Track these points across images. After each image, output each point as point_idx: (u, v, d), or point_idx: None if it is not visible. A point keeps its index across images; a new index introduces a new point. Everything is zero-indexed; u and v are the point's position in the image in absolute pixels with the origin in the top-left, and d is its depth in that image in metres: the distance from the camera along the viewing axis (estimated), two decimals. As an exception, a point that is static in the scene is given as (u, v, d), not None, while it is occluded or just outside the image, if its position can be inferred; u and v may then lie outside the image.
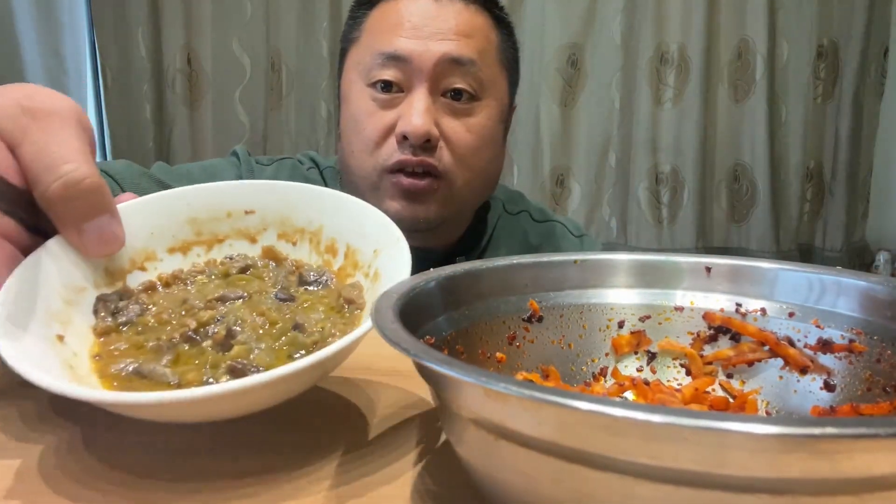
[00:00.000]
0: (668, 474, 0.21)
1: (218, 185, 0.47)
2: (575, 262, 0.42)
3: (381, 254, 0.38)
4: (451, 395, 0.26)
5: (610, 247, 2.05)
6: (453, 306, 0.38)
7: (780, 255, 2.01)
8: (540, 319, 0.41)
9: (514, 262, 0.42)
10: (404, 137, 0.71)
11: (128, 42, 1.97)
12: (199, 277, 0.43)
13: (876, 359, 0.35)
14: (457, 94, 0.74)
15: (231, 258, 0.45)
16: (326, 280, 0.41)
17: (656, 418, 0.19)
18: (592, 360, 0.42)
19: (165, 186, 0.80)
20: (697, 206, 2.01)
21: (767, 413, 0.38)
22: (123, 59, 1.97)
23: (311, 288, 0.41)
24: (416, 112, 0.71)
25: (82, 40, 2.13)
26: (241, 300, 0.39)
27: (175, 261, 0.44)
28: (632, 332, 0.42)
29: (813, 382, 0.37)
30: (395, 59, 0.72)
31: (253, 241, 0.46)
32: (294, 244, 0.45)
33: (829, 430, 0.18)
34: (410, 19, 0.73)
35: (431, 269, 0.39)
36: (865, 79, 1.97)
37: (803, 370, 0.37)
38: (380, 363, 0.52)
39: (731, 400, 0.38)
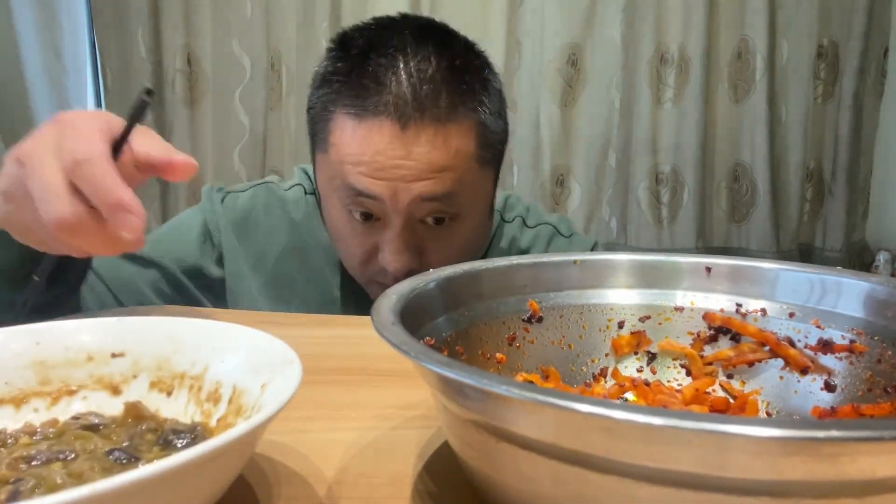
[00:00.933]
0: (670, 477, 0.21)
1: (80, 323, 0.39)
2: (575, 262, 0.42)
3: (269, 387, 0.32)
4: (452, 396, 0.26)
5: (610, 247, 2.04)
6: (453, 307, 0.38)
7: (780, 255, 2.01)
8: (540, 320, 0.41)
9: (514, 262, 0.42)
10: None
11: (128, 42, 1.96)
12: (24, 439, 0.33)
13: (877, 359, 0.35)
14: (437, 220, 0.69)
15: (77, 417, 0.35)
16: (196, 437, 0.33)
17: (657, 421, 0.19)
18: (592, 361, 0.42)
19: (151, 264, 0.78)
20: (697, 206, 2.01)
21: (768, 414, 0.38)
22: (123, 59, 1.97)
23: (173, 447, 0.33)
24: (395, 251, 0.68)
25: (82, 40, 2.13)
26: (60, 461, 0.31)
27: (2, 415, 0.35)
28: (632, 333, 0.42)
29: (813, 383, 0.37)
30: (367, 197, 0.67)
31: (116, 392, 0.37)
32: (169, 394, 0.37)
33: (833, 433, 0.18)
34: (375, 158, 0.65)
35: (431, 270, 0.39)
36: (865, 79, 1.97)
37: (804, 371, 0.37)
38: (379, 364, 0.52)
39: (731, 400, 0.38)
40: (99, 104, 2.13)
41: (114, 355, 0.38)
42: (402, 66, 0.65)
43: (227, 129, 2.01)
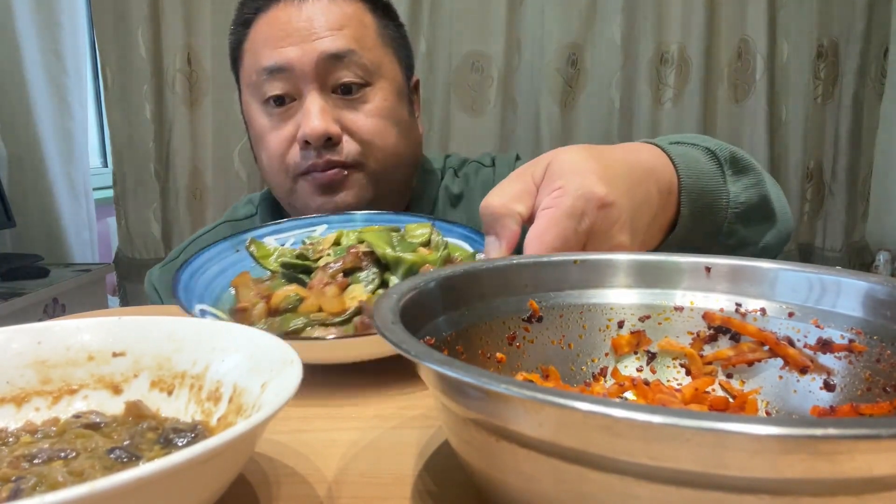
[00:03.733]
0: (669, 475, 0.21)
1: (81, 322, 0.39)
2: (575, 262, 0.42)
3: (269, 386, 0.32)
4: (452, 395, 0.26)
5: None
6: (453, 307, 0.38)
7: (780, 254, 2.01)
8: (540, 319, 0.41)
9: (514, 262, 0.42)
10: (306, 142, 0.74)
11: (128, 42, 1.96)
12: (25, 437, 0.34)
13: (876, 359, 0.35)
14: (346, 89, 0.75)
15: (78, 416, 0.35)
16: (197, 436, 0.33)
17: (657, 419, 0.19)
18: (592, 361, 0.42)
19: None
20: (697, 206, 2.01)
21: (767, 413, 0.38)
22: (123, 59, 1.97)
23: (173, 446, 0.33)
24: (312, 115, 0.73)
25: (82, 40, 2.13)
26: (61, 459, 0.31)
27: (3, 414, 0.36)
28: (632, 332, 0.42)
29: (813, 382, 0.37)
30: (278, 71, 0.74)
31: (116, 391, 0.38)
32: (170, 393, 0.37)
33: (831, 430, 0.18)
34: (282, 28, 0.74)
35: (430, 270, 0.39)
36: (865, 79, 1.96)
37: (803, 370, 0.37)
38: (379, 364, 0.53)
39: (731, 400, 0.38)
40: (99, 104, 2.13)
41: (115, 354, 0.38)
42: None
43: (227, 129, 2.01)
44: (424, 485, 0.34)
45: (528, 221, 0.47)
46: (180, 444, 0.32)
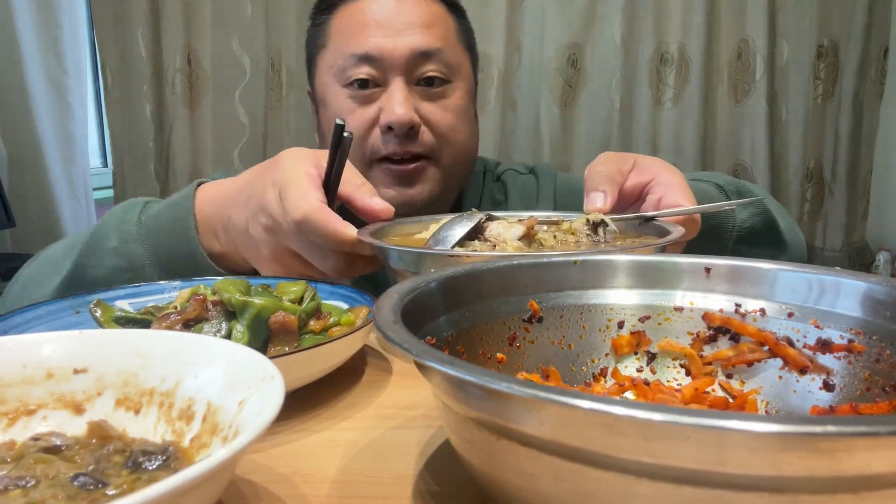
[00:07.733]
0: (669, 473, 0.21)
1: (38, 336, 0.36)
2: (575, 262, 0.43)
3: (247, 404, 0.30)
4: (453, 394, 0.26)
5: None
6: (454, 307, 0.38)
7: (780, 256, 2.01)
8: (540, 320, 0.41)
9: (515, 262, 0.42)
10: (389, 128, 0.76)
11: (128, 42, 1.96)
12: None
13: (875, 359, 0.35)
14: (430, 81, 0.79)
15: (36, 438, 0.33)
16: (168, 458, 0.31)
17: (657, 417, 0.19)
18: (592, 361, 0.42)
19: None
20: (697, 206, 2.01)
21: (767, 413, 0.38)
22: (123, 59, 1.97)
23: (143, 470, 0.30)
24: (397, 103, 0.76)
25: (82, 40, 2.13)
26: (19, 488, 0.28)
27: None
28: (632, 333, 0.42)
29: (812, 382, 0.37)
30: (368, 59, 0.77)
31: (78, 410, 0.35)
32: (137, 412, 0.35)
33: (830, 428, 0.18)
34: (375, 18, 0.78)
35: (432, 270, 0.39)
36: (865, 79, 1.97)
37: (802, 370, 0.38)
38: (380, 363, 0.53)
39: (730, 400, 0.38)
40: (99, 104, 2.12)
41: (75, 371, 0.36)
42: None
43: (227, 129, 2.01)
44: (426, 484, 0.34)
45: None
46: (150, 467, 0.30)
